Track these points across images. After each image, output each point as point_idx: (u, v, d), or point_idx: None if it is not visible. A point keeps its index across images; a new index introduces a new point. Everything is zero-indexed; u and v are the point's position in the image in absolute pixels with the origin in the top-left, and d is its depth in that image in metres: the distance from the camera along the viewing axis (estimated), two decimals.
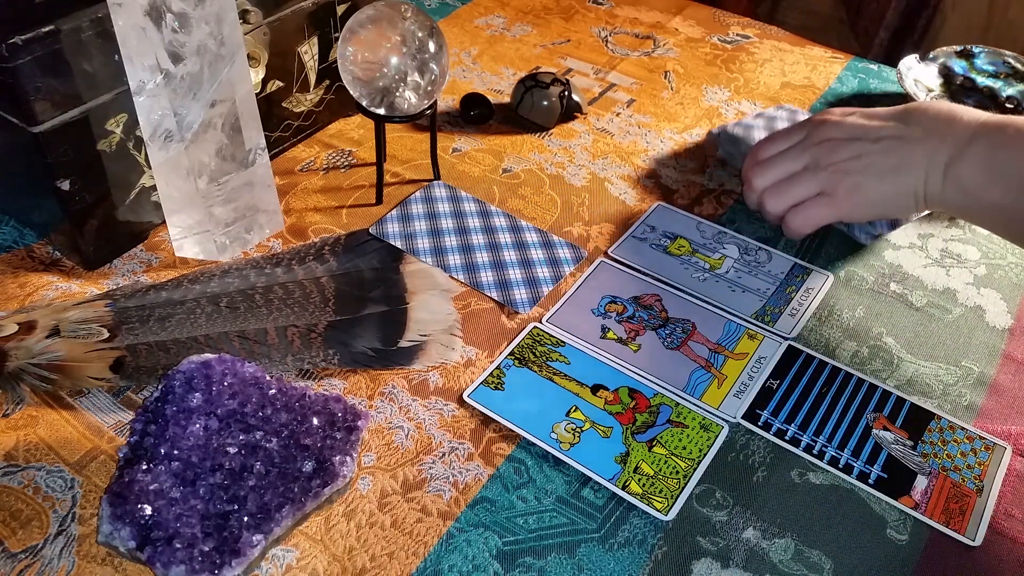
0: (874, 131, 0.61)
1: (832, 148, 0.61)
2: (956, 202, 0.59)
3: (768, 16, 1.46)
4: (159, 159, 0.58)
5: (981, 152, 0.57)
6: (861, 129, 0.61)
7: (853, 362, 0.60)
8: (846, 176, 0.60)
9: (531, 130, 0.79)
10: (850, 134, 0.61)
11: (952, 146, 0.58)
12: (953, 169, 0.57)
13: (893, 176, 0.59)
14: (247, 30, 0.65)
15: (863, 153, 0.60)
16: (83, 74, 0.55)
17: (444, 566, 0.47)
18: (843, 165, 0.60)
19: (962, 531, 0.50)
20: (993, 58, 0.86)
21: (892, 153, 0.59)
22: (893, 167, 0.59)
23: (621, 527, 0.50)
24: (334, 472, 0.49)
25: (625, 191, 0.73)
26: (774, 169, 0.63)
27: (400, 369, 0.58)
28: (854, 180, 0.60)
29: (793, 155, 0.63)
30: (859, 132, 0.61)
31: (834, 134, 0.62)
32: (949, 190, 0.58)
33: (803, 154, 0.63)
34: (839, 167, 0.61)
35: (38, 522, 0.48)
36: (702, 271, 0.66)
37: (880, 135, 0.60)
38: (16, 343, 0.54)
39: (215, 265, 0.63)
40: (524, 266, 0.65)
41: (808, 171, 0.62)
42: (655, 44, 0.93)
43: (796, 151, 0.63)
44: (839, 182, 0.60)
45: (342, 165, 0.74)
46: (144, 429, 0.49)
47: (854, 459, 0.53)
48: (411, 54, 0.62)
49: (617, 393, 0.56)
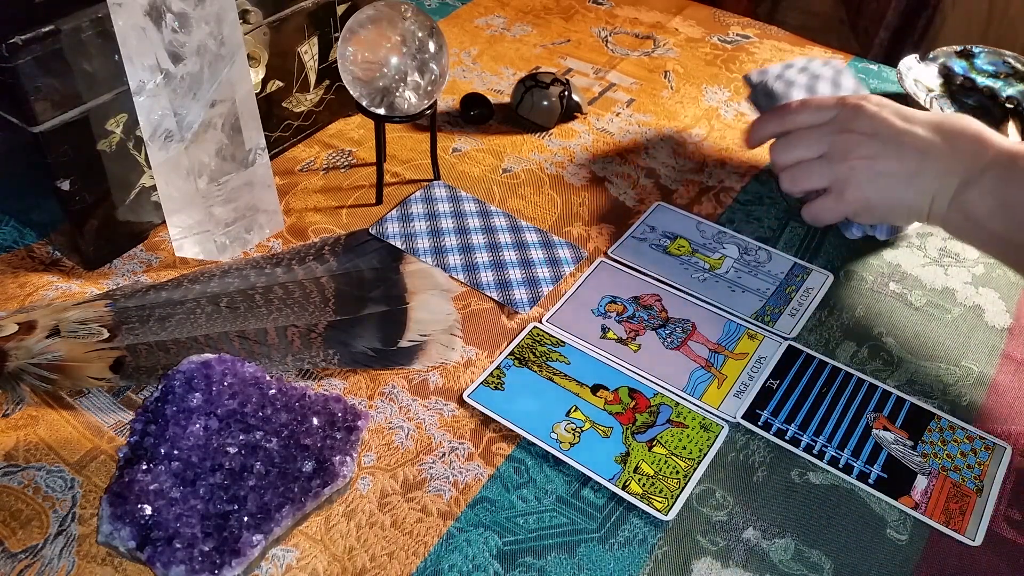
0: (899, 133, 0.59)
1: (852, 142, 0.60)
2: (957, 225, 0.58)
3: (768, 16, 1.46)
4: (159, 159, 0.58)
5: (991, 182, 0.56)
6: (888, 128, 0.60)
7: (853, 362, 0.60)
8: (855, 176, 0.60)
9: (531, 130, 0.79)
10: (875, 130, 0.60)
11: (966, 171, 0.57)
12: (962, 194, 0.57)
13: (902, 186, 0.59)
14: (247, 30, 0.65)
15: (880, 155, 0.59)
16: (83, 74, 0.55)
17: (444, 566, 0.47)
18: (856, 164, 0.60)
19: (962, 531, 0.50)
20: (993, 58, 0.86)
21: (908, 161, 0.58)
22: (905, 177, 0.58)
23: (621, 527, 0.50)
24: (334, 472, 0.49)
25: (625, 191, 0.73)
26: (794, 150, 0.62)
27: (400, 369, 0.58)
28: (862, 184, 0.59)
29: (816, 137, 0.62)
30: (885, 130, 0.60)
31: (860, 126, 0.60)
32: (953, 213, 0.58)
33: (824, 139, 0.61)
34: (852, 165, 0.60)
35: (38, 522, 0.48)
36: (702, 271, 0.66)
37: (903, 139, 0.59)
38: (16, 343, 0.54)
39: (215, 265, 0.63)
40: (524, 266, 0.65)
41: (824, 161, 0.61)
42: (655, 44, 0.93)
43: (819, 134, 0.62)
44: (847, 181, 0.60)
45: (342, 165, 0.74)
46: (144, 429, 0.49)
47: (854, 459, 0.53)
48: (411, 54, 0.62)
49: (617, 393, 0.56)
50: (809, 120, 0.63)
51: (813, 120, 0.63)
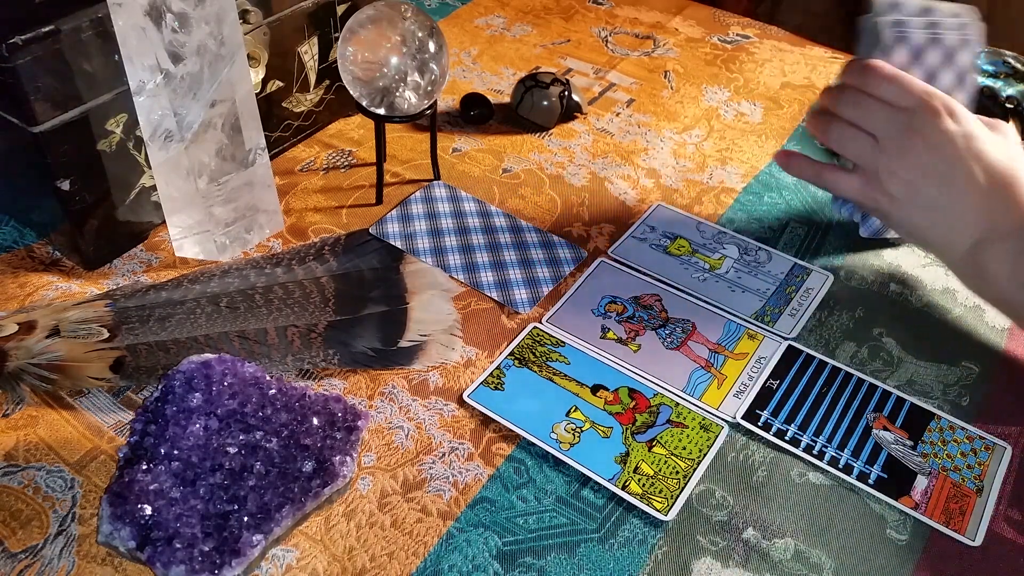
0: (954, 163, 0.56)
1: (904, 150, 0.58)
2: (967, 275, 0.58)
3: (768, 16, 1.46)
4: (159, 159, 0.58)
5: (1016, 248, 0.54)
6: (948, 153, 0.57)
7: (853, 362, 0.60)
8: (892, 183, 0.58)
9: (531, 130, 0.79)
10: (935, 145, 0.57)
11: (990, 227, 0.55)
12: (981, 250, 0.56)
13: (928, 217, 0.58)
14: (247, 30, 0.65)
15: (924, 176, 0.57)
16: (83, 74, 0.55)
17: (444, 566, 0.47)
18: (897, 175, 0.58)
19: (962, 531, 0.50)
20: (993, 58, 0.86)
21: (945, 193, 0.57)
22: (934, 209, 0.57)
23: (621, 527, 0.50)
24: (334, 472, 0.49)
25: (625, 191, 0.73)
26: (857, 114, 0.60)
27: (400, 369, 0.58)
28: (893, 193, 0.58)
29: (884, 118, 0.59)
30: (944, 153, 0.57)
31: (927, 135, 0.57)
32: (966, 265, 0.57)
33: (887, 125, 0.59)
34: (893, 170, 0.58)
35: (38, 522, 0.48)
36: (702, 271, 0.66)
37: (953, 172, 0.56)
38: (16, 343, 0.54)
39: (215, 265, 0.63)
40: (524, 266, 0.65)
41: (875, 144, 0.59)
42: (655, 44, 0.93)
43: (888, 118, 0.59)
44: (884, 183, 0.59)
45: (342, 165, 0.74)
46: (144, 429, 0.49)
47: (854, 459, 0.53)
48: (411, 54, 0.62)
49: (617, 393, 0.56)
50: (889, 95, 0.59)
51: (892, 97, 0.59)
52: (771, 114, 0.83)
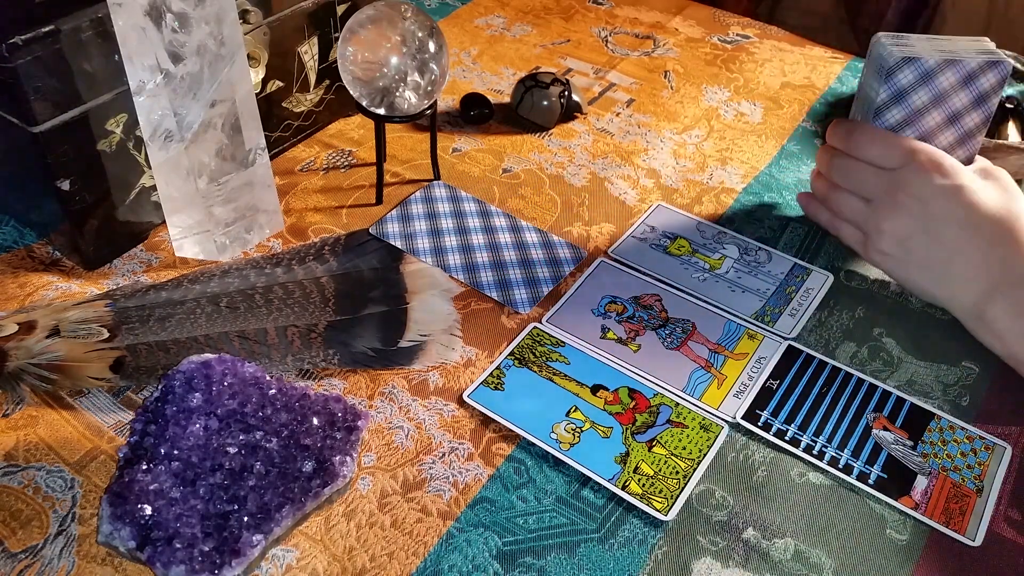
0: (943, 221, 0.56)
1: (893, 209, 0.58)
2: (974, 328, 0.58)
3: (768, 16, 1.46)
4: (159, 159, 0.58)
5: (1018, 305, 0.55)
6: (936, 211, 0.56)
7: (853, 362, 0.60)
8: (881, 246, 0.60)
9: (531, 130, 0.79)
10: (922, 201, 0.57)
11: (990, 283, 0.56)
12: (984, 305, 0.56)
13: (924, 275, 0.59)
14: (247, 30, 0.65)
15: (913, 235, 0.58)
16: (83, 74, 0.55)
17: (444, 566, 0.47)
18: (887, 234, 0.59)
19: (962, 531, 0.50)
20: None
21: (937, 250, 0.57)
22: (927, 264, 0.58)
23: (621, 527, 0.50)
24: (334, 472, 0.49)
25: (625, 191, 0.73)
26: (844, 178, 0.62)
27: (400, 369, 0.58)
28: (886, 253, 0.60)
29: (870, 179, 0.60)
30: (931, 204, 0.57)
31: (907, 197, 0.57)
32: (971, 319, 0.58)
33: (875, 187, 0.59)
34: (882, 232, 0.59)
35: (38, 522, 0.48)
36: (702, 271, 0.66)
37: (943, 231, 0.56)
38: (16, 343, 0.54)
39: (215, 265, 0.63)
40: (524, 266, 0.65)
41: (864, 205, 0.61)
42: (655, 44, 0.93)
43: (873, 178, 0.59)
44: (876, 241, 0.60)
45: (342, 165, 0.74)
46: (144, 429, 0.49)
47: (854, 459, 0.53)
48: (411, 54, 0.62)
49: (617, 393, 0.56)
50: (873, 157, 0.60)
51: (877, 159, 0.60)
52: (771, 114, 0.83)
